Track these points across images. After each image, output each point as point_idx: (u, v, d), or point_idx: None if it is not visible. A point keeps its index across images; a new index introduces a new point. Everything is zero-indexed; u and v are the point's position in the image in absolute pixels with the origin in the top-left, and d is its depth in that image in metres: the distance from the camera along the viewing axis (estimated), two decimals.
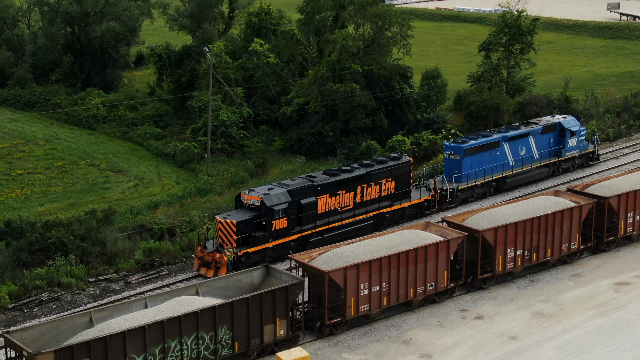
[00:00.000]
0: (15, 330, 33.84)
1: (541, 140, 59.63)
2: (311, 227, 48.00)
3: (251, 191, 47.07)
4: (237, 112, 73.98)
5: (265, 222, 46.02)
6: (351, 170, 50.23)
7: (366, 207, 50.46)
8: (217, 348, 36.10)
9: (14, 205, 59.83)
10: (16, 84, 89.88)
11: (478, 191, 56.48)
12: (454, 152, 55.91)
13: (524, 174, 58.67)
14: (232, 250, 44.83)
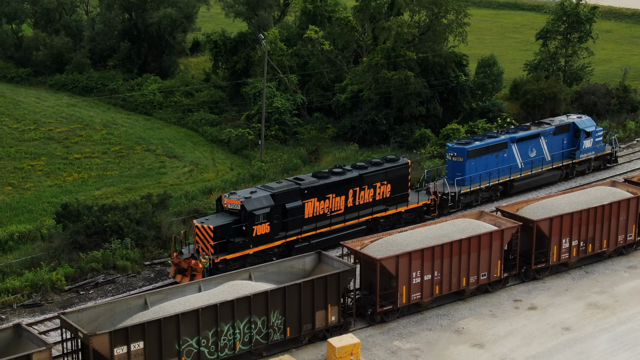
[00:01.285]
0: (71, 312, 34.46)
1: (553, 142, 56.86)
2: (297, 232, 45.53)
3: (232, 194, 44.63)
4: (291, 99, 74.14)
5: (246, 227, 43.46)
6: (342, 173, 47.79)
7: (358, 212, 47.98)
8: (269, 332, 36.35)
9: (71, 189, 60.80)
10: (74, 69, 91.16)
11: (483, 195, 53.84)
12: (457, 153, 53.05)
13: (534, 177, 55.89)
14: (207, 257, 42.40)
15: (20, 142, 71.15)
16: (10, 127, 74.55)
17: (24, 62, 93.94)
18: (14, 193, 59.97)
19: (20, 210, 56.25)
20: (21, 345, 32.32)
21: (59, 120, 77.99)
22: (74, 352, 33.78)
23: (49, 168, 65.48)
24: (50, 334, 38.58)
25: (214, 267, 42.42)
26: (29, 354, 30.98)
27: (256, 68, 77.93)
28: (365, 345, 37.71)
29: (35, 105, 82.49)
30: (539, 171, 56.12)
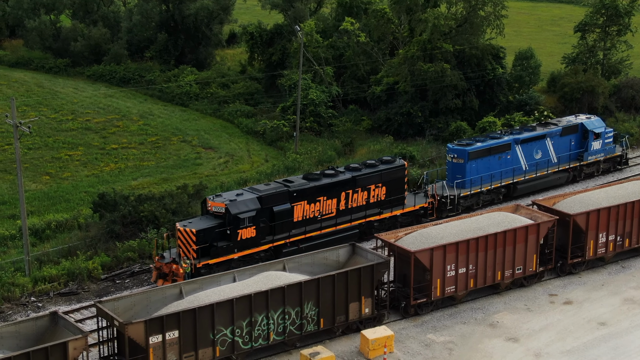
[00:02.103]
0: (107, 300, 34.82)
1: (560, 143, 55.43)
2: (285, 236, 44.28)
3: (217, 197, 43.37)
4: (326, 91, 74.08)
5: (230, 231, 42.21)
6: (335, 175, 46.45)
7: (350, 215, 46.63)
8: (302, 323, 36.45)
9: (108, 179, 61.33)
10: (112, 60, 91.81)
11: (484, 198, 52.42)
12: (457, 155, 51.72)
13: (539, 179, 54.51)
14: (189, 261, 41.19)
15: (58, 132, 71.89)
16: (49, 117, 75.35)
17: (62, 53, 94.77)
18: (52, 182, 60.64)
19: (57, 200, 56.86)
20: (57, 333, 32.73)
21: (97, 110, 78.66)
22: (110, 340, 34.17)
23: (87, 158, 66.08)
24: (86, 322, 39.03)
25: (196, 273, 41.09)
26: (65, 341, 31.37)
27: (292, 60, 77.95)
28: (398, 337, 37.68)
29: (73, 95, 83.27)
30: (544, 173, 54.62)
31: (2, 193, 57.86)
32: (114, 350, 34.27)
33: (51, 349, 31.02)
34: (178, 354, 33.68)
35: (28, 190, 57.10)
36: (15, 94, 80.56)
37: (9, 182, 59.76)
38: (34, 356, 30.63)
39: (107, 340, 34.27)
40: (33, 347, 31.34)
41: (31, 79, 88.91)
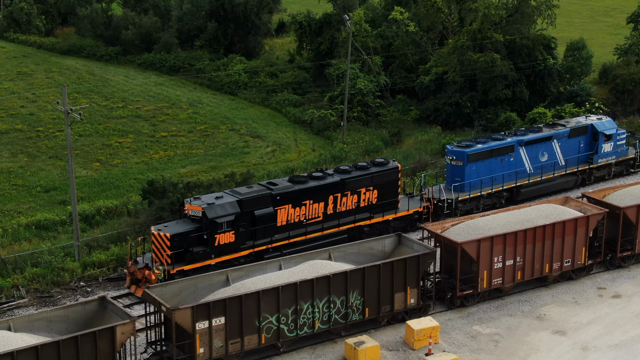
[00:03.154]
0: (155, 286, 35.18)
1: (568, 145, 52.76)
2: (267, 241, 42.40)
3: (196, 199, 41.62)
4: (375, 80, 73.89)
5: (207, 236, 40.51)
6: (322, 178, 44.43)
7: (338, 220, 44.67)
8: (347, 313, 36.49)
9: (157, 166, 61.94)
10: (162, 48, 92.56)
11: (485, 202, 49.84)
12: (456, 157, 49.29)
13: (544, 182, 51.79)
14: (161, 267, 39.68)
15: (108, 120, 72.75)
16: (100, 104, 76.26)
17: (113, 41, 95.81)
18: (102, 169, 61.44)
19: (107, 186, 57.60)
20: (106, 317, 33.19)
21: (147, 98, 79.42)
22: (157, 325, 34.54)
23: (136, 145, 66.80)
24: (134, 307, 39.49)
25: (169, 279, 39.11)
26: (113, 326, 31.79)
27: (340, 49, 77.86)
28: (444, 328, 37.54)
29: (124, 83, 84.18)
30: (551, 177, 52.05)
31: (53, 179, 58.80)
32: (161, 336, 34.65)
33: (99, 333, 31.47)
34: (224, 340, 33.95)
35: (78, 177, 57.93)
36: (67, 81, 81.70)
37: (60, 168, 60.68)
38: (82, 340, 31.09)
39: (154, 326, 34.67)
40: (81, 331, 31.82)
41: (82, 66, 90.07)
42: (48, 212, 51.78)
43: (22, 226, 48.62)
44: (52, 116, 72.11)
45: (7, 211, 52.62)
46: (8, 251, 44.88)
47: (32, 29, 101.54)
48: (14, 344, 30.44)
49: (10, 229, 48.23)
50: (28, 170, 60.45)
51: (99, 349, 31.36)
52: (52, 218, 49.88)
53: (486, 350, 36.20)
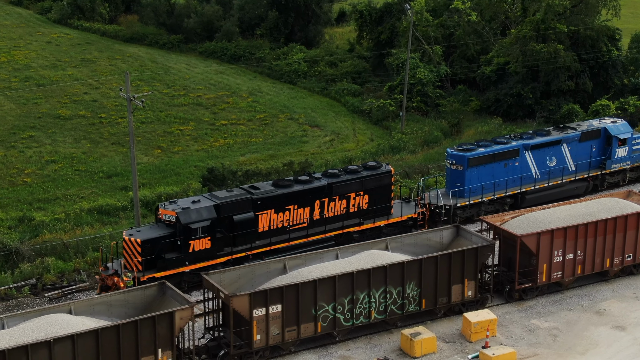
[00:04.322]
0: (213, 273, 35.52)
1: (579, 149, 50.14)
2: (247, 248, 40.69)
3: (171, 203, 39.97)
4: (435, 70, 73.43)
5: (181, 242, 38.94)
6: (308, 182, 42.64)
7: (325, 226, 42.80)
8: (404, 303, 36.41)
9: (217, 154, 62.49)
10: (223, 37, 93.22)
11: (487, 209, 47.37)
12: (456, 161, 46.92)
13: (552, 189, 49.19)
14: (130, 274, 38.15)
15: (170, 107, 73.57)
16: (161, 92, 77.17)
17: (175, 29, 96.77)
18: (163, 156, 62.20)
19: (168, 173, 58.31)
20: (165, 302, 33.63)
21: (208, 87, 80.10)
22: (215, 311, 34.89)
23: (197, 133, 67.46)
24: (192, 292, 39.93)
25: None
26: (172, 311, 32.19)
27: (401, 39, 77.51)
28: (501, 322, 37.24)
29: (185, 71, 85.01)
30: (559, 182, 49.42)
31: (115, 165, 59.72)
32: (219, 322, 35.01)
33: (158, 318, 31.91)
34: (281, 328, 34.16)
35: (140, 163, 58.77)
36: (130, 68, 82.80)
37: (122, 155, 61.61)
38: (142, 324, 31.56)
39: (212, 312, 35.03)
40: (141, 315, 32.31)
41: (145, 54, 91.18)
42: (110, 197, 52.64)
43: (84, 211, 49.50)
44: (115, 103, 73.20)
45: (70, 196, 53.67)
46: (70, 235, 45.76)
47: (95, 16, 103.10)
48: (74, 327, 31.04)
49: (73, 213, 49.14)
50: (91, 156, 61.51)
51: (157, 334, 31.81)
52: (114, 203, 50.68)
53: (544, 344, 35.82)
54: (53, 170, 58.40)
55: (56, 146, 63.36)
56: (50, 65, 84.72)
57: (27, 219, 48.20)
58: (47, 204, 52.23)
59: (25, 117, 69.66)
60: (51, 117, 69.66)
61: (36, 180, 56.49)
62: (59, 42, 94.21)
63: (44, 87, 77.02)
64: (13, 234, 45.88)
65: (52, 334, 30.39)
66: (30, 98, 74.13)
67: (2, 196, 53.53)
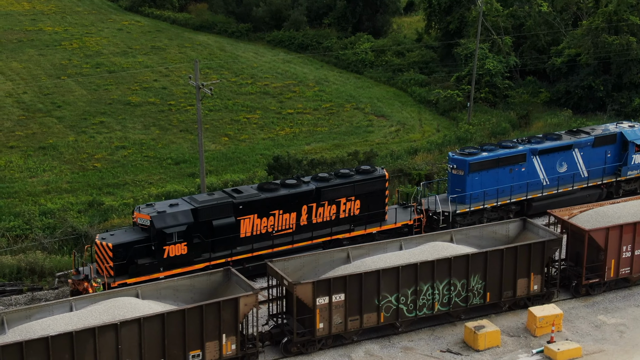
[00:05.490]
0: (277, 260, 35.81)
1: (592, 155, 47.80)
2: (227, 254, 39.26)
3: (148, 206, 38.62)
4: (504, 61, 72.55)
5: (155, 247, 37.60)
6: (295, 186, 41.09)
7: (312, 232, 41.20)
8: (468, 296, 36.20)
9: (282, 143, 62.80)
10: (291, 26, 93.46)
11: (490, 216, 45.29)
12: (457, 166, 45.01)
13: (562, 196, 46.95)
14: (99, 280, 36.82)
15: (237, 96, 74.13)
16: (229, 80, 77.77)
17: (244, 18, 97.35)
18: (230, 144, 62.75)
19: (234, 161, 58.82)
20: (230, 288, 34.03)
21: (275, 75, 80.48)
22: (279, 298, 35.18)
23: (263, 122, 67.87)
24: (256, 279, 40.29)
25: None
26: (236, 297, 32.58)
27: (470, 29, 76.74)
28: (567, 317, 36.78)
29: (253, 60, 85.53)
30: (569, 189, 47.16)
31: (183, 152, 60.48)
32: (283, 309, 35.28)
33: (223, 304, 32.31)
34: (343, 317, 34.28)
35: (207, 150, 59.40)
36: (199, 56, 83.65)
37: (190, 142, 62.34)
38: (206, 310, 32.00)
39: (276, 299, 35.32)
40: (206, 300, 32.74)
41: (214, 42, 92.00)
42: (177, 183, 53.35)
43: (152, 196, 50.23)
44: (184, 90, 74.06)
45: (139, 181, 54.55)
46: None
47: (166, 4, 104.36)
48: (141, 310, 31.62)
49: (141, 199, 49.92)
50: (159, 143, 62.38)
51: (222, 319, 32.22)
52: (181, 190, 51.32)
53: (610, 340, 35.27)
54: (122, 156, 59.41)
55: (126, 132, 64.43)
56: (121, 52, 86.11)
57: (97, 204, 49.16)
58: (116, 189, 53.19)
59: (96, 103, 70.97)
60: (121, 104, 70.83)
61: (106, 166, 57.57)
62: (130, 30, 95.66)
63: (115, 74, 78.33)
64: (82, 218, 46.88)
65: (119, 317, 31.02)
66: (101, 84, 75.47)
67: (72, 180, 54.71)
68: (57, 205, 49.00)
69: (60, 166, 57.32)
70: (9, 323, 31.00)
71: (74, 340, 29.86)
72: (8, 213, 47.75)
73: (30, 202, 50.18)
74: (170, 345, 31.54)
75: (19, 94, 72.52)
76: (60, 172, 56.23)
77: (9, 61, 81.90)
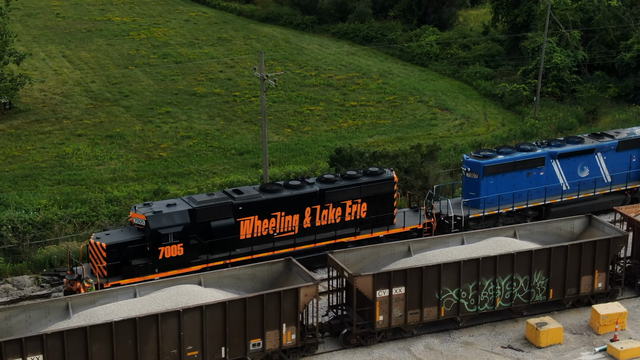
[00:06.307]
0: (338, 252, 35.91)
1: (616, 159, 46.09)
2: (225, 256, 38.40)
3: (145, 206, 37.95)
4: (572, 55, 71.44)
5: (150, 247, 36.89)
6: (298, 187, 40.08)
7: (315, 235, 40.21)
8: (531, 292, 35.83)
9: (345, 135, 62.84)
10: (356, 18, 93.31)
11: (505, 221, 43.70)
12: (471, 169, 43.69)
13: (582, 201, 45.30)
14: (91, 281, 36.27)
15: (301, 87, 74.38)
16: (294, 72, 78.06)
17: (309, 10, 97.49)
18: (293, 135, 63.03)
19: (297, 152, 59.07)
20: (291, 278, 34.24)
21: (339, 68, 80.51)
22: (339, 290, 35.27)
23: (326, 114, 67.99)
24: (317, 270, 40.45)
25: None
26: (297, 287, 32.77)
27: (537, 22, 75.73)
28: (632, 315, 36.18)
29: (318, 52, 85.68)
30: (591, 195, 45.65)
31: (247, 142, 60.96)
32: (342, 301, 35.37)
33: (284, 294, 32.53)
34: (403, 310, 34.23)
35: (270, 141, 59.77)
36: (264, 48, 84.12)
37: (253, 133, 62.81)
38: (267, 299, 32.25)
39: (336, 290, 35.42)
40: (267, 290, 33.00)
41: (279, 34, 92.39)
42: (241, 174, 53.81)
43: (216, 186, 50.75)
44: (249, 82, 74.58)
45: (203, 171, 55.17)
46: None
47: None
48: (203, 298, 32.02)
49: (205, 188, 50.48)
50: (224, 133, 62.98)
51: (283, 309, 32.45)
52: (245, 180, 51.75)
53: None
54: (188, 146, 60.15)
55: (191, 122, 65.18)
56: (187, 43, 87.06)
57: (162, 192, 49.86)
58: (181, 178, 53.90)
59: (162, 93, 71.93)
60: (187, 94, 71.65)
61: (171, 155, 58.35)
62: (197, 21, 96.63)
63: (181, 65, 79.26)
64: None
65: (181, 304, 31.46)
66: (168, 75, 76.44)
67: (138, 169, 55.60)
68: (123, 193, 49.86)
69: (127, 155, 58.31)
70: (73, 308, 31.69)
71: (137, 326, 30.40)
72: (75, 200, 48.75)
73: (97, 190, 51.18)
74: (232, 333, 31.89)
75: (87, 83, 73.90)
76: (126, 161, 57.21)
77: (77, 50, 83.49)
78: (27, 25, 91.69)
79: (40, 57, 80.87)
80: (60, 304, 31.74)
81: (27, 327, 30.87)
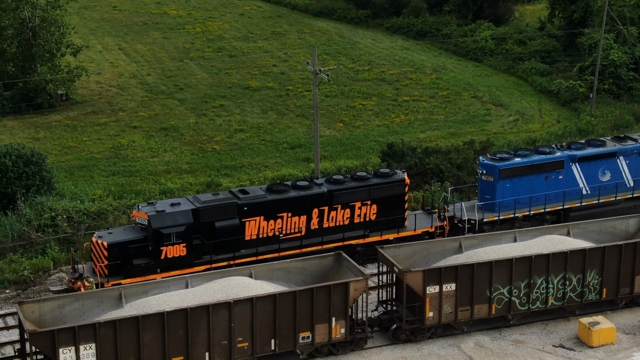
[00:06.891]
0: (388, 247, 35.85)
1: (639, 163, 44.73)
2: (229, 257, 37.79)
3: (149, 205, 37.44)
4: (629, 52, 70.27)
5: (152, 247, 36.39)
6: (306, 188, 39.31)
7: (322, 237, 39.36)
8: (583, 291, 35.41)
9: (397, 130, 62.66)
10: (411, 12, 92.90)
11: (522, 225, 42.62)
12: (487, 171, 42.56)
13: (603, 206, 43.82)
14: (92, 280, 35.93)
15: (354, 82, 74.33)
16: (347, 66, 78.04)
17: (363, 4, 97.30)
18: (345, 130, 63.04)
19: (349, 147, 59.07)
20: (341, 272, 34.29)
21: (392, 62, 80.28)
22: (389, 285, 35.24)
23: (379, 108, 67.86)
24: (367, 265, 40.42)
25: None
26: (347, 282, 32.81)
27: (594, 18, 74.63)
28: None
29: (371, 46, 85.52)
30: (612, 200, 44.19)
31: (299, 136, 61.14)
32: (392, 296, 35.33)
33: (334, 287, 32.59)
34: (454, 307, 34.06)
35: (322, 136, 59.86)
36: (317, 42, 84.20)
37: (305, 127, 62.96)
38: (317, 292, 32.34)
39: (386, 285, 35.39)
40: (317, 283, 33.10)
41: (333, 28, 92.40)
42: (292, 167, 54.01)
43: (267, 180, 51.03)
44: (302, 76, 74.76)
45: (255, 164, 55.51)
46: None
47: None
48: (253, 290, 32.24)
49: (257, 181, 50.78)
50: (276, 127, 63.25)
51: (332, 302, 32.52)
52: (296, 174, 51.94)
53: None
54: (240, 139, 60.55)
55: (244, 116, 65.57)
56: (242, 37, 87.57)
57: (215, 185, 50.29)
58: (234, 171, 54.29)
59: (216, 86, 72.47)
60: (241, 88, 72.09)
61: (224, 148, 58.79)
62: (252, 15, 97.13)
63: (235, 58, 79.76)
64: None
65: (232, 295, 31.72)
66: (222, 68, 76.99)
67: (192, 161, 56.14)
68: (176, 185, 50.40)
69: (181, 147, 58.91)
70: (126, 298, 32.14)
71: (188, 316, 30.72)
72: (130, 191, 49.41)
73: (151, 181, 51.81)
74: (281, 325, 32.06)
75: (142, 75, 74.78)
76: (180, 153, 57.79)
77: (134, 43, 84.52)
78: (84, 18, 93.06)
79: (97, 49, 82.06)
80: (113, 293, 32.22)
81: (80, 316, 31.38)
